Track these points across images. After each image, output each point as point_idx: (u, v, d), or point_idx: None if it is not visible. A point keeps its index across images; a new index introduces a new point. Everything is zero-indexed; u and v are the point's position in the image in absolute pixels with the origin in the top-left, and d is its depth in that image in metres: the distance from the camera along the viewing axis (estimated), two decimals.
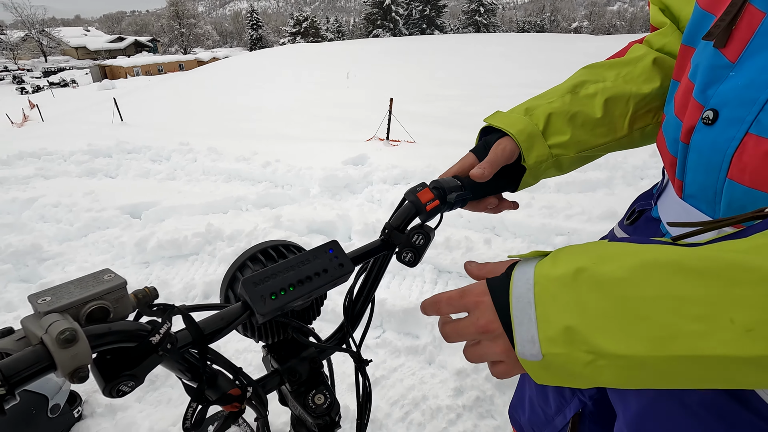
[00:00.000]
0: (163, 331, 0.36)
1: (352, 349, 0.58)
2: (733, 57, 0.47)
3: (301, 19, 64.28)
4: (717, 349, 0.31)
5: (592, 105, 0.67)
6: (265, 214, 3.47)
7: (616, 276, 0.35)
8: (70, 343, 0.29)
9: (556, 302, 0.37)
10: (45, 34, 63.02)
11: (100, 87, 23.56)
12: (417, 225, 0.56)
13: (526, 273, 0.40)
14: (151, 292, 0.39)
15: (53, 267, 2.96)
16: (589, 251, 0.38)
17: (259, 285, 0.42)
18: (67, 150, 5.83)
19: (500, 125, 0.65)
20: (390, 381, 1.83)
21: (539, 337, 0.37)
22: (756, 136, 0.44)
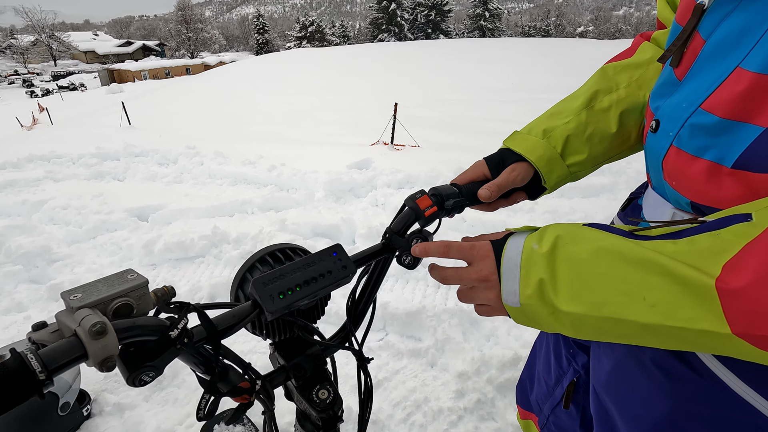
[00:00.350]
0: (180, 326, 0.39)
1: (354, 348, 0.61)
2: (680, 76, 0.55)
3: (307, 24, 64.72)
4: (631, 316, 0.42)
5: (607, 120, 0.71)
6: (271, 217, 3.52)
7: (579, 256, 0.46)
8: (101, 335, 0.32)
9: (535, 268, 0.48)
10: (55, 38, 63.88)
11: (109, 91, 23.82)
12: (416, 230, 0.59)
13: (518, 243, 0.51)
14: (169, 291, 0.42)
15: (62, 268, 3.01)
16: (567, 232, 0.49)
17: (268, 285, 0.45)
18: (76, 153, 5.92)
19: (521, 151, 0.69)
20: (392, 383, 1.86)
21: (519, 290, 0.48)
22: (676, 148, 0.54)
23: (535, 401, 1.00)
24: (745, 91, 0.45)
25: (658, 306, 0.41)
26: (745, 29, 0.46)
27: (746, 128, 0.46)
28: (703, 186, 0.52)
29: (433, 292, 2.55)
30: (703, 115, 0.50)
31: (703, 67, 0.51)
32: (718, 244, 0.40)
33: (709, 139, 0.49)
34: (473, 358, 1.88)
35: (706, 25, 0.51)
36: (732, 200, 0.49)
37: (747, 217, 0.41)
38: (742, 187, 0.48)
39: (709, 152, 0.50)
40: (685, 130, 0.52)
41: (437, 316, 2.16)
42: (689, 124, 0.52)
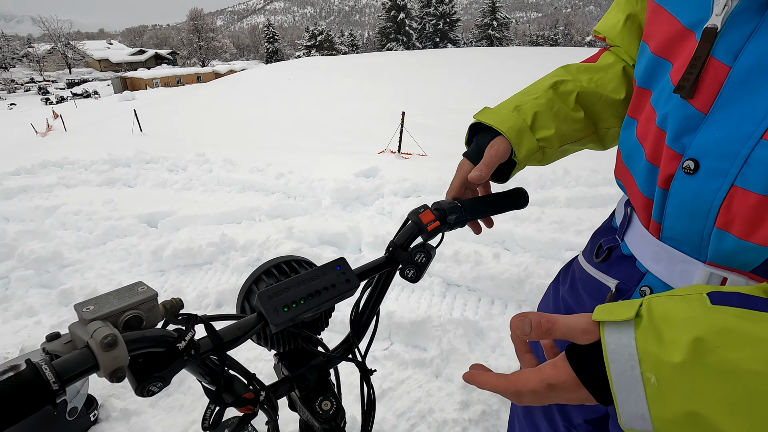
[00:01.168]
0: (188, 338, 0.40)
1: (357, 359, 0.62)
2: (703, 108, 0.49)
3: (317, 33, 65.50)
4: None
5: (569, 102, 0.73)
6: (278, 224, 3.54)
7: (751, 368, 0.31)
8: (112, 347, 0.34)
9: (673, 388, 0.34)
10: (70, 47, 65.34)
11: (121, 98, 24.26)
12: (419, 244, 0.60)
13: (626, 346, 0.36)
14: (177, 303, 0.44)
15: (73, 273, 3.06)
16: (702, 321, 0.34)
17: (273, 298, 0.47)
18: (88, 159, 6.02)
19: (491, 123, 0.69)
20: (397, 393, 1.86)
21: (651, 416, 0.35)
22: (742, 189, 0.45)
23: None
24: None
25: None
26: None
27: None
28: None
29: (439, 302, 2.55)
30: None
31: (741, 95, 0.45)
32: None
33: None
34: None
35: (724, 49, 0.46)
36: None
37: None
38: None
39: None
40: (749, 167, 0.44)
41: (443, 326, 2.16)
42: (754, 159, 0.44)
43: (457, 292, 2.63)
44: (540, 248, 3.09)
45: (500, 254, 2.87)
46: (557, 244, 3.05)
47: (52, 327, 2.44)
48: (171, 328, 0.43)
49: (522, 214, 3.44)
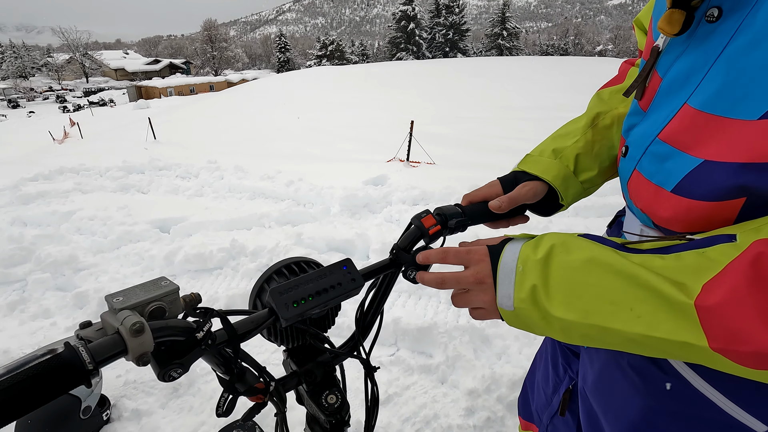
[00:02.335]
0: (205, 329, 0.44)
1: (362, 356, 0.65)
2: (644, 108, 0.61)
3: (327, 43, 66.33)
4: (617, 325, 0.45)
5: (610, 136, 0.77)
6: (287, 231, 3.59)
7: (572, 265, 0.49)
8: (140, 333, 0.37)
9: (530, 273, 0.51)
10: (88, 56, 67.02)
11: (136, 106, 24.74)
12: (421, 246, 0.64)
13: (515, 249, 0.54)
14: (196, 297, 0.47)
15: (87, 277, 3.13)
16: (562, 238, 0.52)
17: (283, 294, 0.50)
18: (103, 166, 6.17)
19: (536, 173, 0.74)
20: (402, 398, 1.87)
21: (514, 294, 0.52)
22: (638, 172, 0.59)
23: (536, 411, 1.03)
24: (689, 125, 0.51)
25: (643, 317, 0.44)
26: (692, 70, 0.51)
27: (686, 158, 0.51)
28: (652, 206, 0.57)
29: (445, 309, 2.57)
30: (659, 145, 0.55)
31: (661, 102, 0.57)
32: (702, 262, 0.43)
33: (659, 165, 0.55)
34: (484, 376, 1.88)
35: (662, 64, 0.57)
36: (671, 220, 0.55)
37: (732, 238, 0.44)
38: (677, 210, 0.53)
39: (657, 176, 0.56)
40: (645, 157, 0.58)
41: (449, 332, 2.17)
42: (649, 151, 0.57)
43: None
44: None
45: None
46: None
47: (67, 329, 2.51)
48: (190, 320, 0.47)
49: (530, 222, 3.43)
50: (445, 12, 59.85)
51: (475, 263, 0.56)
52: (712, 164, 0.48)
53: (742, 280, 0.39)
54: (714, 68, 0.48)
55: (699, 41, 0.51)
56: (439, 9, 60.16)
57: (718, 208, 0.48)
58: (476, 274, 0.55)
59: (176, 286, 0.45)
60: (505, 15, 61.48)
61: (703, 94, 0.49)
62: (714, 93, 0.48)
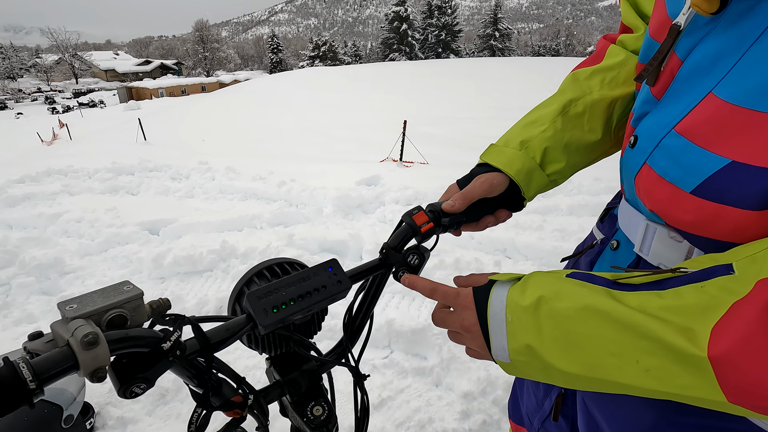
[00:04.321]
0: (173, 338, 0.39)
1: (351, 364, 0.61)
2: (658, 95, 0.55)
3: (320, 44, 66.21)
4: (625, 379, 0.41)
5: (581, 126, 0.71)
6: (279, 232, 3.54)
7: (565, 314, 0.44)
8: (92, 345, 0.33)
9: (522, 325, 0.47)
10: (77, 57, 66.25)
11: (126, 108, 24.47)
12: (413, 246, 0.60)
13: (501, 295, 0.49)
14: (164, 303, 0.43)
15: (74, 281, 3.06)
16: (550, 285, 0.47)
17: (262, 299, 0.46)
18: (92, 167, 6.06)
19: (498, 165, 0.68)
20: (396, 402, 1.83)
21: (508, 347, 0.47)
22: (648, 166, 0.53)
23: (526, 415, 0.98)
24: (714, 119, 0.44)
25: (652, 371, 0.40)
26: (720, 55, 0.45)
27: (709, 157, 0.45)
28: (666, 206, 0.52)
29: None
30: (675, 138, 0.49)
31: (680, 89, 0.50)
32: (704, 299, 0.39)
33: (676, 162, 0.49)
34: (479, 378, 1.85)
35: (683, 46, 0.50)
36: (694, 225, 0.49)
37: (729, 269, 0.40)
38: (702, 214, 0.47)
39: (672, 174, 0.49)
40: (658, 150, 0.52)
41: (443, 334, 2.13)
42: (663, 144, 0.51)
43: None
44: (542, 256, 3.07)
45: (501, 262, 2.86)
46: (559, 252, 3.03)
47: None
48: (158, 329, 0.42)
49: (524, 221, 3.42)
50: (437, 13, 59.96)
51: (461, 308, 0.52)
52: (742, 167, 0.42)
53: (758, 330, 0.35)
54: (749, 53, 0.42)
55: (731, 21, 0.44)
56: (432, 10, 60.27)
57: (760, 217, 0.42)
58: (463, 321, 0.52)
59: (139, 291, 0.40)
60: (497, 16, 61.75)
61: (734, 83, 0.43)
62: (747, 83, 0.41)
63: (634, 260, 0.62)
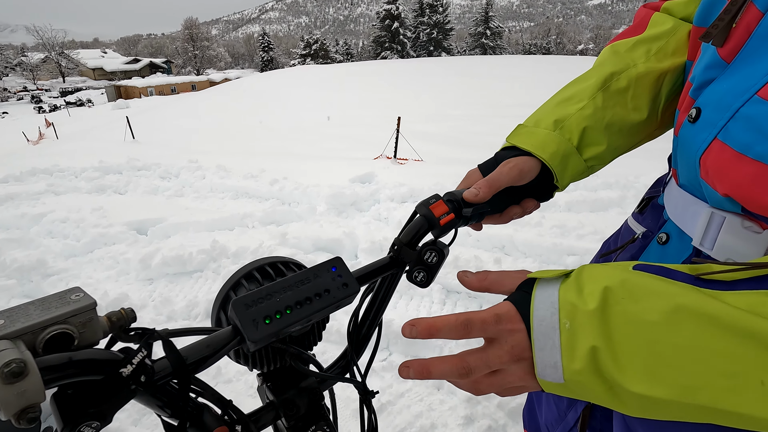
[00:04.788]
0: (136, 360, 0.31)
1: (356, 380, 0.52)
2: (728, 57, 0.46)
3: (312, 42, 65.85)
4: (743, 407, 0.30)
5: (624, 103, 0.61)
6: (271, 231, 3.44)
7: (648, 319, 0.33)
8: (17, 377, 0.24)
9: (583, 333, 0.35)
10: (64, 56, 65.17)
11: (115, 106, 24.06)
12: (429, 241, 0.51)
13: (550, 296, 0.38)
14: (126, 315, 0.34)
15: (57, 283, 2.94)
16: (618, 281, 0.36)
17: (251, 307, 0.37)
18: (78, 167, 5.91)
19: (529, 148, 0.58)
20: (396, 407, 1.75)
21: (563, 364, 0.35)
22: (721, 142, 0.44)
23: (545, 425, 0.89)
24: None
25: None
26: None
27: None
28: (748, 189, 0.42)
29: (439, 310, 2.45)
30: (759, 104, 0.40)
31: (762, 46, 0.42)
32: None
33: (762, 133, 0.40)
34: None
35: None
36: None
37: None
38: None
39: (759, 149, 0.40)
40: (735, 122, 0.42)
41: None
42: (741, 114, 0.42)
43: (458, 299, 2.53)
44: (541, 253, 3.00)
45: (501, 259, 2.79)
46: (559, 249, 2.97)
47: None
48: (119, 348, 0.33)
49: (522, 218, 3.36)
50: (429, 11, 59.84)
51: (507, 333, 0.38)
52: None
53: None
54: None
55: None
56: (423, 8, 60.14)
57: None
58: (512, 350, 0.37)
59: (91, 301, 0.31)
60: (488, 14, 61.83)
61: None
62: None
63: (689, 255, 0.53)
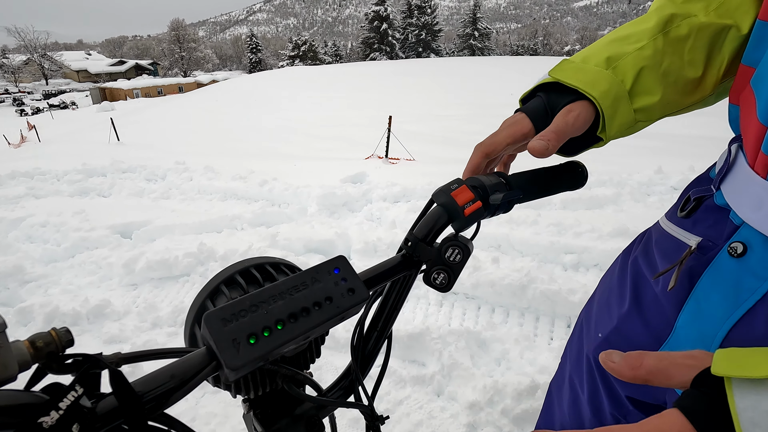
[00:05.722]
0: (65, 404, 0.22)
1: (362, 404, 0.43)
2: None
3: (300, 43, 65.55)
4: None
5: (681, 54, 0.51)
6: (261, 233, 3.33)
7: None
8: None
9: None
10: (47, 57, 63.92)
11: (100, 109, 23.59)
12: (450, 236, 0.43)
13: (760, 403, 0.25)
14: (60, 337, 0.25)
15: (35, 290, 2.80)
16: None
17: (231, 322, 0.28)
18: (61, 169, 5.73)
19: (577, 84, 0.48)
20: (395, 416, 1.66)
21: None
22: None
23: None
24: None
25: None
26: None
27: None
28: None
29: (436, 311, 2.37)
30: None
31: None
32: None
33: None
34: (485, 386, 1.69)
35: None
36: None
37: None
38: None
39: None
40: None
41: (442, 338, 1.97)
42: None
43: (455, 300, 2.45)
44: (538, 252, 2.94)
45: (499, 258, 2.72)
46: (556, 247, 2.91)
47: None
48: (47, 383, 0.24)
49: (517, 217, 3.30)
50: (417, 12, 59.94)
51: None
52: None
53: None
54: None
55: None
56: (412, 9, 60.22)
57: None
58: None
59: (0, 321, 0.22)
60: (476, 16, 62.12)
61: None
62: None
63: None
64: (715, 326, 0.48)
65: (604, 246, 2.83)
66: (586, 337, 0.73)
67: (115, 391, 0.25)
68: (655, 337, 0.57)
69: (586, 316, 0.76)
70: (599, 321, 0.69)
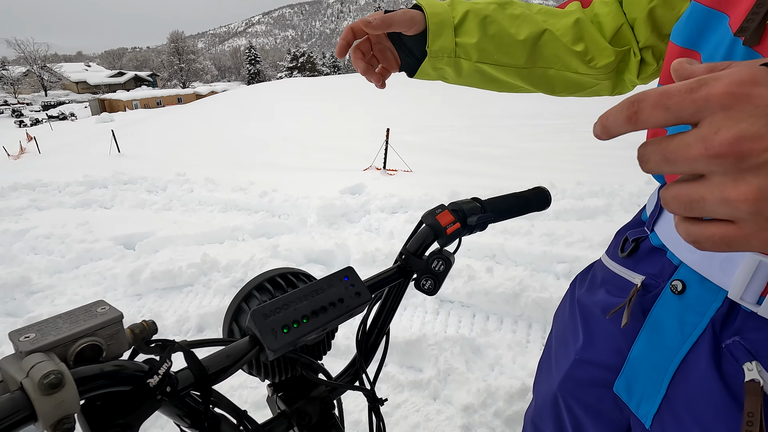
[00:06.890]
0: (162, 371, 0.31)
1: (366, 388, 0.53)
2: None
3: (298, 55, 66.25)
4: None
5: (505, 22, 0.68)
6: (262, 243, 3.42)
7: None
8: (55, 388, 0.25)
9: None
10: (46, 69, 64.34)
11: (99, 120, 23.77)
12: (436, 250, 0.53)
13: None
14: (149, 327, 0.35)
15: (42, 300, 2.87)
16: None
17: (269, 317, 0.38)
18: (62, 181, 5.81)
19: (421, 2, 0.67)
20: (393, 418, 1.74)
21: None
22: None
23: None
24: None
25: None
26: None
27: None
28: None
29: (432, 319, 2.46)
30: None
31: None
32: None
33: None
34: (479, 390, 1.78)
35: None
36: None
37: None
38: None
39: None
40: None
41: (438, 344, 2.06)
42: None
43: (451, 308, 2.55)
44: (532, 261, 3.04)
45: (493, 268, 2.81)
46: (549, 256, 3.01)
47: None
48: (142, 359, 0.34)
49: (512, 227, 3.41)
50: None
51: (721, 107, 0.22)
52: None
53: None
54: None
55: None
56: None
57: None
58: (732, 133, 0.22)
59: (118, 314, 0.32)
60: None
61: None
62: None
63: (719, 308, 0.46)
64: (667, 358, 0.50)
65: (594, 255, 2.93)
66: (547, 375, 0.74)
67: (189, 366, 0.35)
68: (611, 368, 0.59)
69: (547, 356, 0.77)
70: (559, 357, 0.70)
